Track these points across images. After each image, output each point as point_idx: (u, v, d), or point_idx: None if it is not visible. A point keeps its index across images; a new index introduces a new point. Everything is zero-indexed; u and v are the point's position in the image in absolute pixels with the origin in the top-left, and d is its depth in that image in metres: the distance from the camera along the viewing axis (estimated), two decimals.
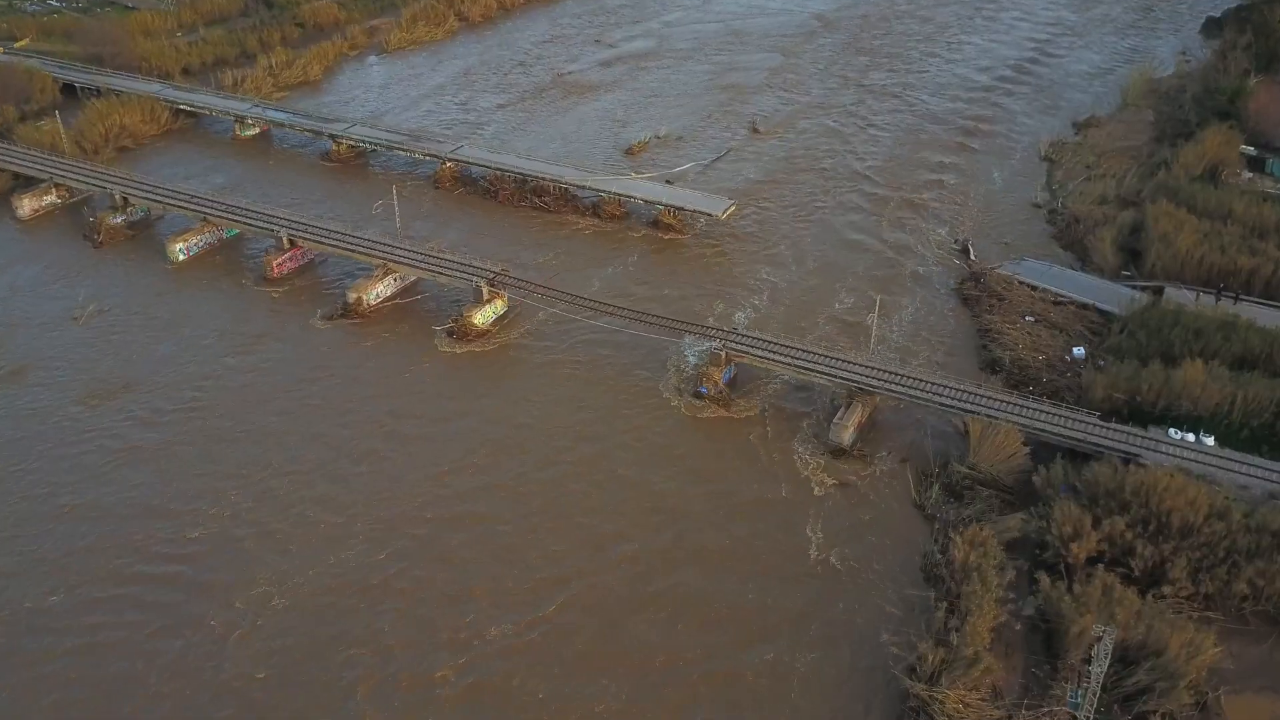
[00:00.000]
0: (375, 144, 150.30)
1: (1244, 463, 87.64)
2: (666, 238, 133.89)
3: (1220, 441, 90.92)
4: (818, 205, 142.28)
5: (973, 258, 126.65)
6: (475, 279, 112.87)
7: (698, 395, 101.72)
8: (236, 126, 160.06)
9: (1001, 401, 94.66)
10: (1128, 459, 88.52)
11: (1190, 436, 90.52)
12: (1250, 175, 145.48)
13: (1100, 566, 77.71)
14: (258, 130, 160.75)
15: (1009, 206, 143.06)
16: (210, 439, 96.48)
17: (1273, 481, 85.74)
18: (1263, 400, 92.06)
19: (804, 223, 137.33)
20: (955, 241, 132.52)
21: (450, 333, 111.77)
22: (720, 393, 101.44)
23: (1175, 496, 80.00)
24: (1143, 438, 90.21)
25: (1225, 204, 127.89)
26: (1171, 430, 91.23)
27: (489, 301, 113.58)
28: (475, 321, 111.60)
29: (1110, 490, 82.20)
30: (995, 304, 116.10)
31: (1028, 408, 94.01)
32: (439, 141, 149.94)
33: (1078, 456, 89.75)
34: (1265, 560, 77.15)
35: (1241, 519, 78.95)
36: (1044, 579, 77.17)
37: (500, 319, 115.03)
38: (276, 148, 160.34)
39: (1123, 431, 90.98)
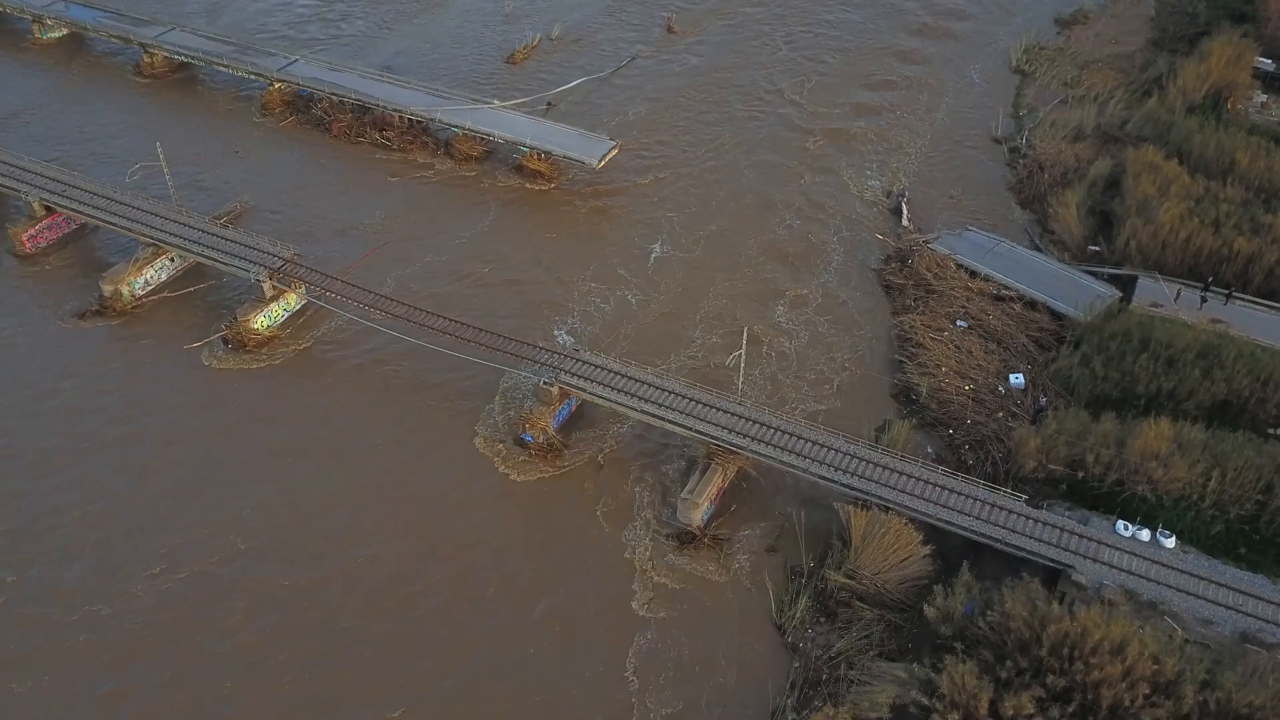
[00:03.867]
0: (191, 57, 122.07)
1: (1212, 580, 65.22)
2: (533, 188, 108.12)
3: (1185, 538, 68.27)
4: (728, 140, 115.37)
5: (905, 223, 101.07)
6: (255, 269, 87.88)
7: (521, 443, 78.46)
8: (35, 27, 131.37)
9: (898, 474, 71.28)
10: (1057, 572, 66.17)
11: (1144, 533, 67.63)
12: (1265, 98, 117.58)
13: None
14: (63, 32, 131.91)
15: (964, 141, 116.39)
16: None
17: (1246, 613, 63.42)
18: (1245, 480, 68.72)
19: (706, 168, 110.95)
20: (888, 196, 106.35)
21: (226, 341, 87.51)
22: (549, 441, 78.08)
23: (1107, 661, 57.74)
24: (1080, 537, 67.40)
25: (1228, 152, 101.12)
26: (1120, 524, 68.33)
27: (275, 298, 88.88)
28: (255, 326, 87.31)
29: (1023, 642, 59.88)
30: (923, 298, 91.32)
31: (934, 484, 70.78)
32: (269, 55, 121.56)
33: (996, 555, 67.55)
34: None
35: (1196, 695, 56.85)
36: None
37: (295, 316, 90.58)
38: (89, 54, 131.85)
39: (1055, 527, 68.03)
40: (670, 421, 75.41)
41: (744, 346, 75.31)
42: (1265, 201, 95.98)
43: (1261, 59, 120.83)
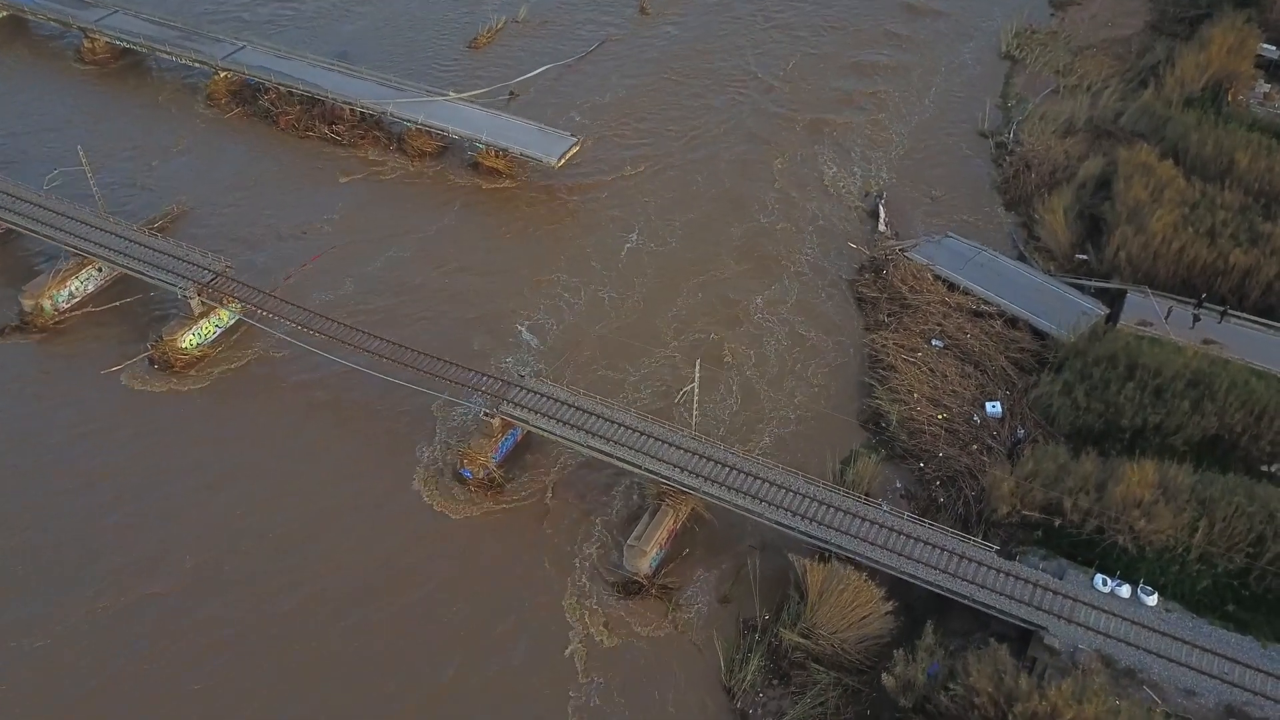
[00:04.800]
0: (132, 43, 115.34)
1: (1196, 644, 60.09)
2: (491, 187, 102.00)
3: (1169, 594, 63.11)
4: (700, 132, 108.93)
5: (881, 227, 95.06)
6: (182, 284, 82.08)
7: (460, 479, 73.13)
8: None
9: (861, 521, 65.94)
10: (1028, 633, 61.06)
11: (1124, 589, 62.41)
12: (1268, 88, 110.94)
13: None
14: (2, 14, 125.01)
15: (948, 134, 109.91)
16: None
17: (1233, 682, 58.36)
18: (1235, 531, 63.36)
19: (675, 163, 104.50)
20: (865, 196, 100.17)
21: (153, 361, 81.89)
22: (490, 476, 72.71)
23: None
24: (1055, 593, 62.16)
25: (1226, 151, 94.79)
26: (1099, 578, 63.08)
27: (205, 315, 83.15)
28: (182, 345, 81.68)
29: None
30: (897, 313, 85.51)
31: (899, 532, 65.46)
32: (216, 41, 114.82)
33: (965, 608, 62.56)
34: None
35: None
36: None
37: (230, 332, 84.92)
38: (29, 38, 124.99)
39: (1027, 582, 62.77)
40: (618, 458, 70.01)
41: (696, 380, 69.64)
42: (1265, 207, 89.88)
43: (1265, 45, 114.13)
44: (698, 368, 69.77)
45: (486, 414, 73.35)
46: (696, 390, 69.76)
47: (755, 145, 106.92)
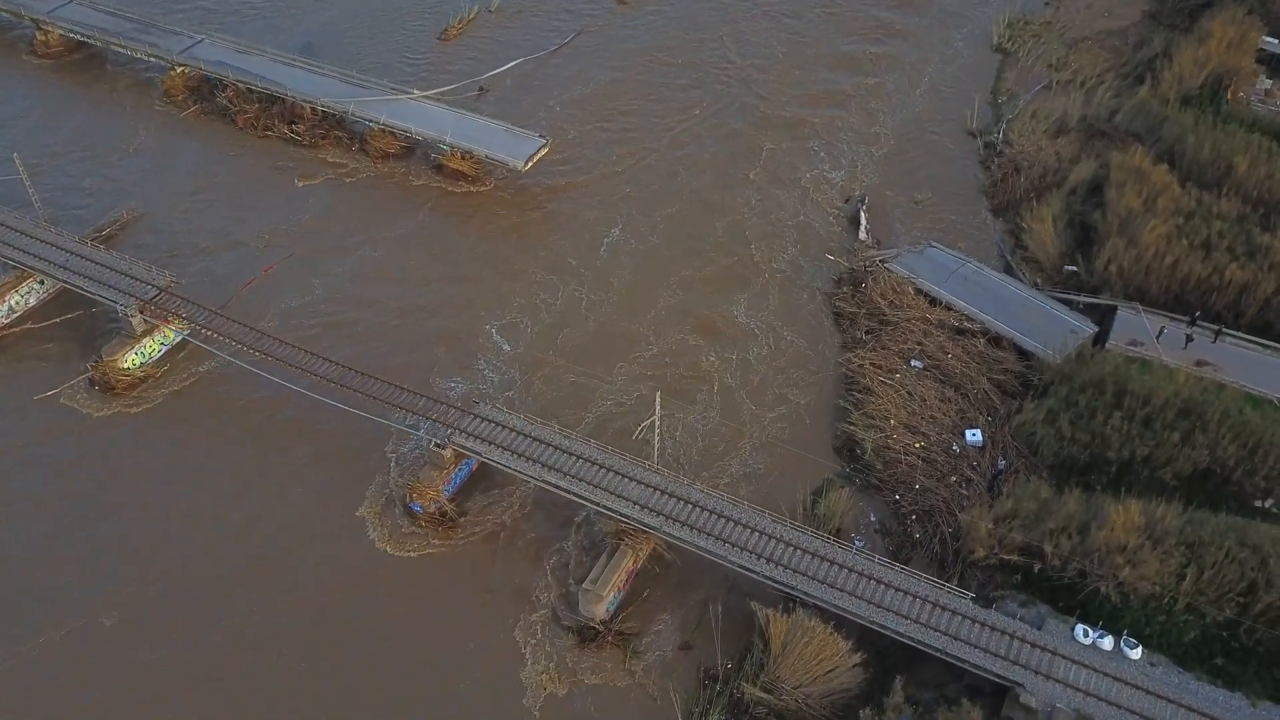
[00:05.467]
0: (86, 36, 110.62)
1: (1182, 703, 56.59)
2: (456, 191, 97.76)
3: (1154, 645, 59.54)
4: (674, 132, 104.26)
5: (862, 235, 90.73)
6: (124, 301, 78.01)
7: (410, 513, 69.35)
8: None
9: (830, 565, 62.18)
10: (1004, 687, 57.44)
11: (1107, 641, 58.73)
12: (1270, 84, 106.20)
13: None
14: None
15: (935, 133, 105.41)
16: None
17: None
18: (1226, 579, 59.59)
19: (648, 165, 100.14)
20: (846, 201, 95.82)
21: (93, 382, 77.99)
22: (441, 510, 68.93)
23: None
24: (1032, 646, 58.48)
25: (1225, 156, 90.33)
26: (1080, 628, 59.36)
27: (148, 333, 79.13)
28: (124, 366, 77.72)
29: None
30: (875, 330, 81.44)
31: (870, 577, 61.73)
32: (174, 34, 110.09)
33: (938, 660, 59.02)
34: None
35: None
36: None
37: (175, 350, 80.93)
38: None
39: (1004, 633, 59.07)
40: (574, 494, 66.14)
41: (657, 413, 65.67)
42: (1264, 217, 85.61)
43: (1268, 39, 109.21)
44: (658, 401, 65.76)
45: (437, 444, 69.33)
46: (658, 423, 65.75)
47: (735, 146, 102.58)
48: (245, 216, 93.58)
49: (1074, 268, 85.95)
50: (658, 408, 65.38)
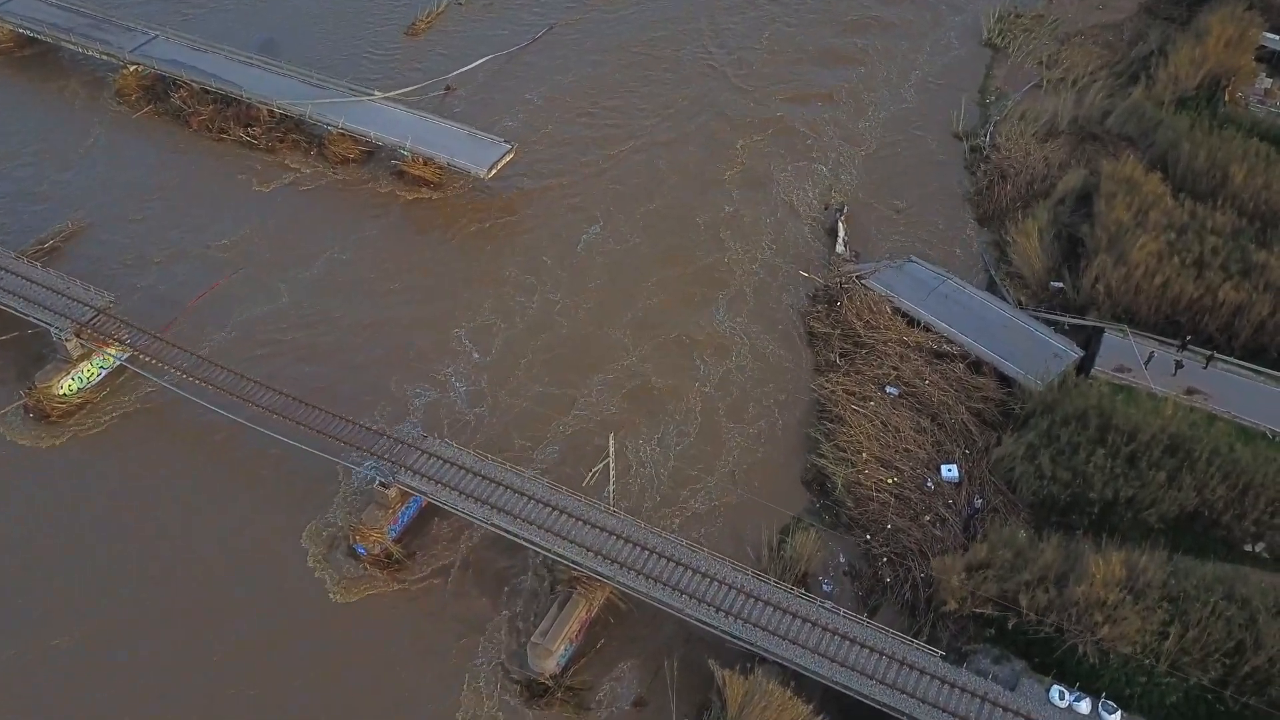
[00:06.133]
0: (35, 31, 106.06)
1: None
2: (416, 198, 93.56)
3: (1135, 707, 56.41)
4: (649, 134, 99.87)
5: (840, 247, 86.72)
6: (59, 324, 74.16)
7: (355, 555, 65.85)
8: None
9: (792, 618, 58.69)
10: None
11: (1084, 704, 55.37)
12: (1270, 83, 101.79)
13: None
14: None
15: (920, 133, 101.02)
16: None
17: None
18: (1212, 637, 56.10)
19: (619, 171, 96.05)
20: (825, 209, 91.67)
21: (28, 410, 74.28)
22: (387, 551, 65.40)
23: None
24: (1004, 709, 55.05)
25: (1220, 164, 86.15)
26: (1055, 690, 55.94)
27: (86, 357, 75.32)
28: (60, 392, 73.98)
29: None
30: (850, 353, 77.61)
31: (834, 632, 58.24)
32: (127, 30, 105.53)
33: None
34: None
35: None
36: None
37: (116, 374, 77.10)
38: None
39: (974, 695, 55.62)
40: (524, 538, 62.56)
41: (611, 455, 62.03)
42: (1260, 231, 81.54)
43: (1268, 35, 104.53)
44: (611, 444, 62.03)
45: (382, 483, 65.66)
46: (613, 465, 62.06)
47: (710, 151, 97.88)
48: (197, 226, 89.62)
49: (1060, 284, 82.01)
50: (611, 450, 61.63)
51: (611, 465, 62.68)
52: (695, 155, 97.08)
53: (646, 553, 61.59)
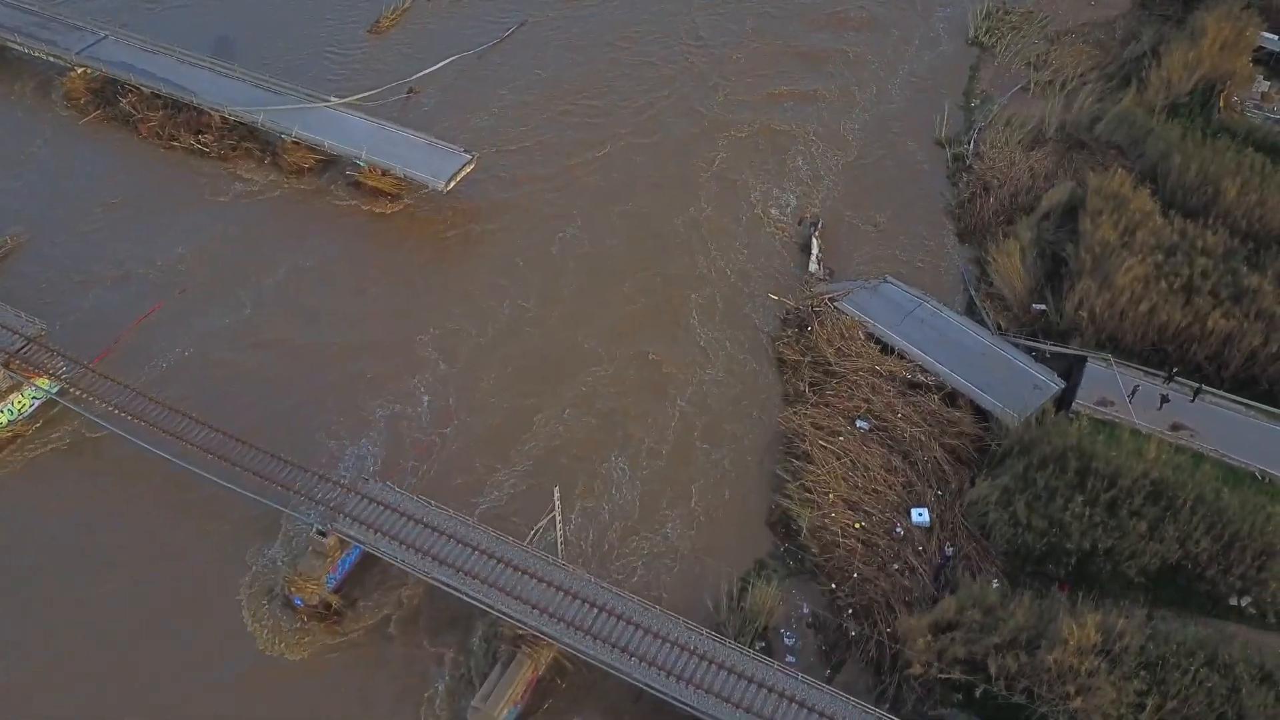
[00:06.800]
0: None
1: None
2: (374, 210, 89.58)
3: None
4: (624, 141, 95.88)
5: (813, 266, 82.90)
6: None
7: (291, 606, 62.44)
8: None
9: (747, 683, 55.33)
10: None
11: None
12: (1267, 86, 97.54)
13: None
14: None
15: (899, 141, 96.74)
16: None
17: None
18: (1193, 709, 52.91)
19: (587, 182, 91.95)
20: (799, 223, 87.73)
21: None
22: (325, 602, 62.00)
23: None
24: None
25: (1213, 178, 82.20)
26: None
27: (15, 389, 71.70)
28: None
29: None
30: (820, 383, 73.96)
31: (790, 699, 54.92)
32: (75, 29, 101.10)
33: None
34: None
35: None
36: None
37: (49, 405, 73.37)
38: None
39: None
40: (465, 594, 59.10)
41: (557, 508, 58.42)
42: (1253, 252, 77.61)
43: (1266, 35, 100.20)
44: (556, 496, 58.46)
45: (319, 531, 62.13)
46: (559, 519, 58.51)
47: (684, 159, 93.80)
48: (143, 241, 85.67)
49: (1042, 306, 78.29)
50: (557, 504, 58.07)
51: (558, 519, 58.94)
52: (671, 161, 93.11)
53: (596, 610, 58.24)
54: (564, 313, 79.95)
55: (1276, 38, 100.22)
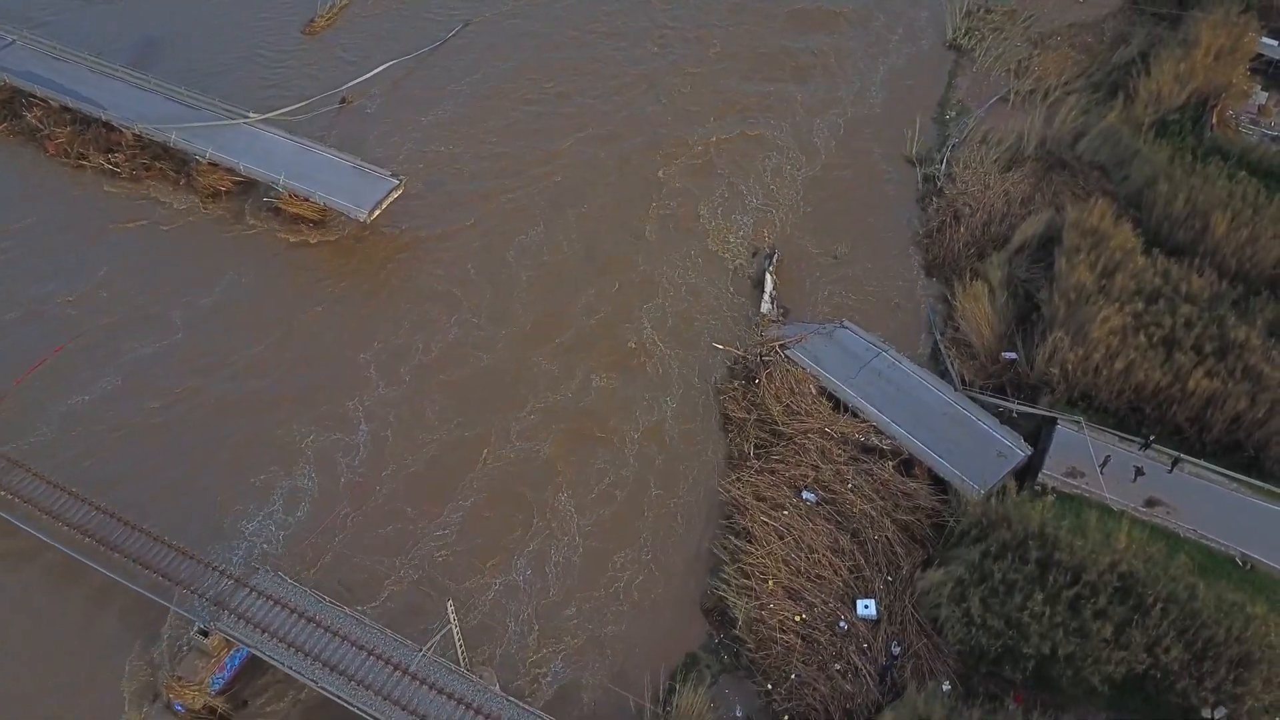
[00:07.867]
0: None
1: None
2: (296, 239, 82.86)
3: None
4: (570, 161, 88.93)
5: (766, 305, 76.44)
6: None
7: (173, 711, 56.80)
8: None
9: None
10: None
11: None
12: (1265, 98, 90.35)
13: None
14: None
15: (866, 161, 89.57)
16: None
17: None
18: None
19: (531, 210, 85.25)
20: (754, 254, 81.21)
21: None
22: (209, 706, 56.32)
23: None
24: None
25: (1203, 210, 75.65)
26: None
27: None
28: None
29: None
30: (767, 445, 67.82)
31: None
32: None
33: None
34: None
35: None
36: None
37: None
38: None
39: None
40: (357, 707, 53.30)
41: (454, 621, 52.50)
42: (1242, 297, 71.06)
43: (1266, 40, 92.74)
44: (451, 610, 52.47)
45: (201, 630, 56.28)
46: (458, 632, 52.58)
47: (637, 182, 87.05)
48: (44, 274, 79.46)
49: (1013, 355, 71.85)
50: (453, 617, 52.09)
51: (456, 633, 53.01)
52: (611, 191, 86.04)
53: None
54: (513, 334, 73.63)
55: (1277, 43, 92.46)
